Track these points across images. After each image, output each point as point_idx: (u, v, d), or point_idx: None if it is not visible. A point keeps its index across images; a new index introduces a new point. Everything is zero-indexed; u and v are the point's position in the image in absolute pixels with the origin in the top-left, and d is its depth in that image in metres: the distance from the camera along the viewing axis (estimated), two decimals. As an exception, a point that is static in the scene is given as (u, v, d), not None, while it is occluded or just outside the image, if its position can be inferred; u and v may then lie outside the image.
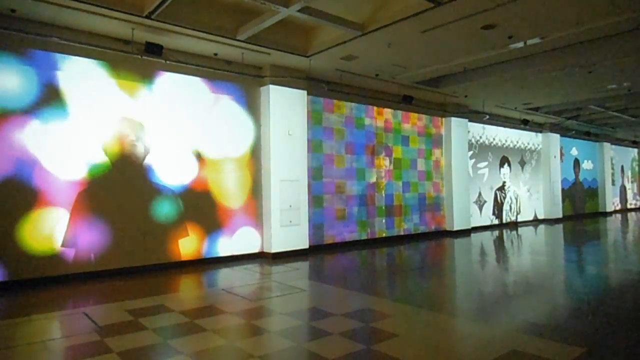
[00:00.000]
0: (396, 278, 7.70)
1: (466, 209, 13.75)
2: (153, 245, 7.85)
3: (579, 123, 17.65)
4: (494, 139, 15.59)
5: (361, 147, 11.29)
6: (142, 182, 7.78)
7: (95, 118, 7.30)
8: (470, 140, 14.39)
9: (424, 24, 7.07)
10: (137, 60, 7.55)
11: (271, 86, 9.15)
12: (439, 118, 13.40)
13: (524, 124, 15.52)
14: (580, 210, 20.31)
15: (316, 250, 9.91)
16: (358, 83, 10.76)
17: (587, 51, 8.34)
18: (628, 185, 24.89)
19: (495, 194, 15.58)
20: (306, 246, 9.66)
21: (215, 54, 8.47)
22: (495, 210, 15.54)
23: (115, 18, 6.71)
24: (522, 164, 16.93)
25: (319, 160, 10.36)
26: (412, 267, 8.69)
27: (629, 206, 24.57)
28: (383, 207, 11.74)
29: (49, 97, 6.88)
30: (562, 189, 18.59)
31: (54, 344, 4.35)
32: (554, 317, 5.19)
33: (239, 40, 7.72)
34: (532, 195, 17.36)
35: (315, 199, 10.21)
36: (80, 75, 7.18)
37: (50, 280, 6.79)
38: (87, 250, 7.14)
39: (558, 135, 18.18)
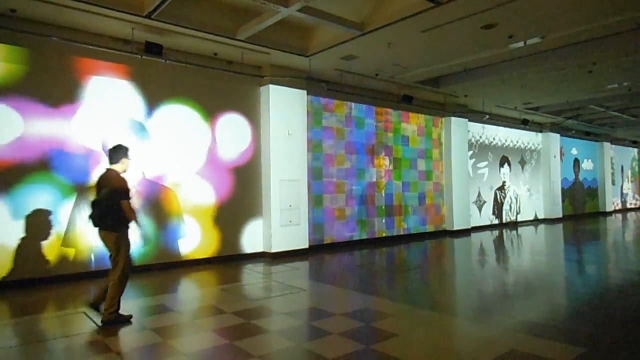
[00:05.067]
0: (396, 278, 7.69)
1: (466, 209, 13.75)
2: (153, 246, 7.86)
3: (579, 123, 17.65)
4: (494, 139, 15.59)
5: (361, 147, 11.28)
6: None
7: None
8: (471, 140, 14.39)
9: (424, 24, 7.07)
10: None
11: (271, 86, 9.16)
12: (439, 118, 13.40)
13: (524, 124, 15.53)
14: (581, 210, 20.31)
15: (316, 250, 9.91)
16: (358, 83, 10.76)
17: (587, 51, 8.35)
18: (627, 185, 24.89)
19: (496, 194, 15.58)
20: (306, 246, 9.66)
21: (215, 54, 8.48)
22: (496, 210, 15.54)
23: (115, 18, 6.71)
24: (523, 163, 16.94)
25: (319, 160, 10.36)
26: (412, 267, 8.69)
27: (627, 206, 24.57)
28: (383, 207, 11.74)
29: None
30: (563, 189, 18.59)
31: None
32: (554, 317, 5.19)
33: (239, 40, 7.72)
34: (532, 195, 17.36)
35: (315, 199, 10.21)
36: (80, 75, 7.17)
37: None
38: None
39: (558, 135, 18.19)
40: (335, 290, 6.52)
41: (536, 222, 17.26)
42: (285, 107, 9.35)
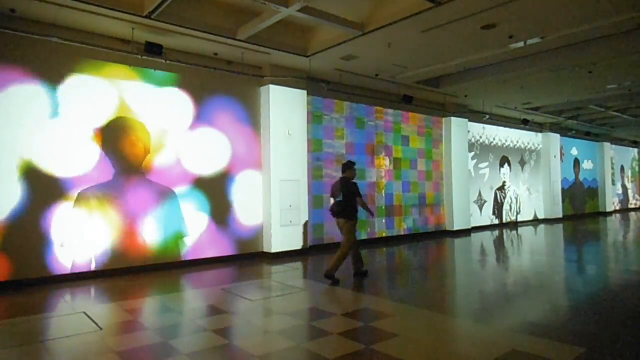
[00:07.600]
0: (396, 278, 7.70)
1: (466, 209, 13.74)
2: (152, 246, 7.86)
3: (579, 123, 17.65)
4: (494, 139, 15.59)
5: (361, 147, 11.28)
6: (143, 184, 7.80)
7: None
8: (471, 141, 14.38)
9: (424, 24, 7.07)
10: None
11: (271, 86, 9.15)
12: (439, 118, 13.40)
13: (524, 124, 15.53)
14: (581, 210, 20.31)
15: (316, 250, 9.90)
16: (358, 83, 10.76)
17: (587, 51, 8.34)
18: (627, 185, 24.87)
19: (496, 194, 15.57)
20: (306, 246, 9.66)
21: (216, 54, 8.48)
22: (496, 210, 15.54)
23: (115, 18, 6.71)
24: (523, 163, 16.93)
25: (319, 160, 10.36)
26: (412, 267, 8.69)
27: (625, 206, 24.54)
28: (383, 207, 11.73)
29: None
30: (563, 189, 18.59)
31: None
32: (554, 317, 5.19)
33: (239, 40, 7.72)
34: (532, 195, 17.36)
35: (315, 199, 10.20)
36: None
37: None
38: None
39: (558, 135, 18.18)
40: (335, 290, 6.52)
41: (536, 222, 17.25)
42: (285, 107, 9.34)
